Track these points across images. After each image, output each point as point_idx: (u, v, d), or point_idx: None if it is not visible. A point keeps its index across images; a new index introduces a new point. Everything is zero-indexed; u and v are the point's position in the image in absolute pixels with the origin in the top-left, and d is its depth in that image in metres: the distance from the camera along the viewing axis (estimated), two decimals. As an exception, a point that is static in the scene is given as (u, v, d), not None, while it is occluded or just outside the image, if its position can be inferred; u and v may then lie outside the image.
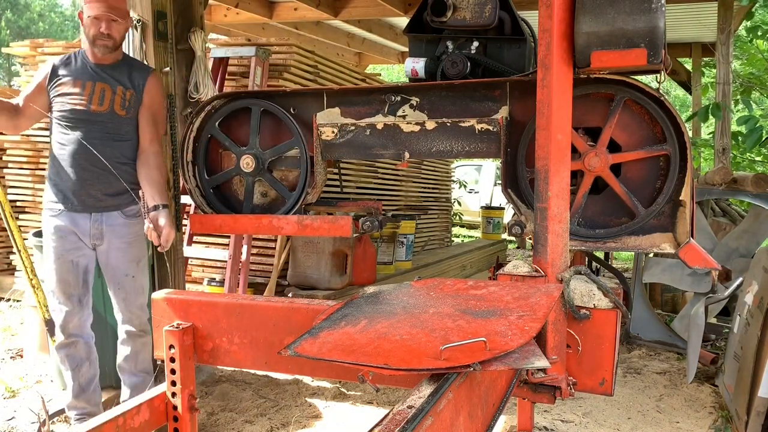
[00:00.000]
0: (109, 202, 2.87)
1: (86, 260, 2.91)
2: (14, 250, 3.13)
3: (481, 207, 10.08)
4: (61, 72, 2.86)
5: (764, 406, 2.83)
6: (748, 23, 7.02)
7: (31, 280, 3.05)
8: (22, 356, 4.18)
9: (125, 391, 3.08)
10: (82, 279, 2.90)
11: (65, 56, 2.93)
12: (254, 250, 4.65)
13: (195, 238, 4.71)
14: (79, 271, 2.89)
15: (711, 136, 6.80)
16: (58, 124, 2.83)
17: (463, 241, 10.30)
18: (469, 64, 2.34)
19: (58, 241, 2.86)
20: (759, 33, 6.44)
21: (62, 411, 3.12)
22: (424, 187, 7.18)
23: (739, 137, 7.15)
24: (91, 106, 2.81)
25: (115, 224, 2.89)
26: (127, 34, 3.37)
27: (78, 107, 2.81)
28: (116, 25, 2.82)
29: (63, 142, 2.83)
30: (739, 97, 6.38)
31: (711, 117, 5.39)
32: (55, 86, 2.84)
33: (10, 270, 5.56)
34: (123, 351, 3.04)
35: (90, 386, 3.00)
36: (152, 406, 1.97)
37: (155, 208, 2.82)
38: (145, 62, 3.37)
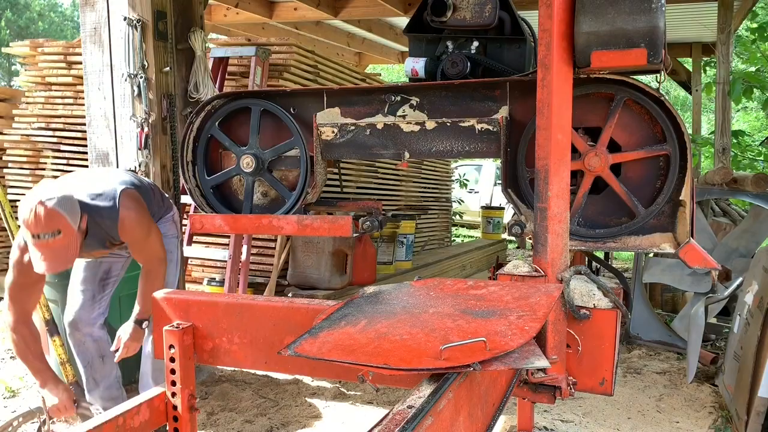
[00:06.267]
0: None
1: (110, 262, 3.02)
2: (14, 250, 3.13)
3: (481, 207, 10.09)
4: None
5: (764, 406, 2.83)
6: (749, 23, 7.02)
7: (31, 280, 3.05)
8: (22, 356, 4.18)
9: None
10: (99, 277, 2.99)
11: None
12: (254, 250, 4.65)
13: (195, 238, 4.71)
14: (98, 269, 2.99)
15: (711, 134, 6.80)
16: None
17: (463, 241, 10.30)
18: (469, 64, 2.34)
19: None
20: (766, 34, 6.42)
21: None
22: (424, 187, 7.18)
23: (739, 137, 7.15)
24: (98, 259, 2.95)
25: None
26: (126, 34, 3.38)
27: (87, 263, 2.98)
28: (63, 266, 2.51)
29: None
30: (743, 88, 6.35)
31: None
32: None
33: (10, 270, 5.56)
34: (143, 349, 3.10)
35: (104, 381, 3.04)
36: (152, 406, 1.97)
37: (134, 321, 2.82)
38: (145, 62, 3.37)
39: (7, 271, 2.63)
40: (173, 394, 1.99)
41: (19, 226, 3.09)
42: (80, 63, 3.94)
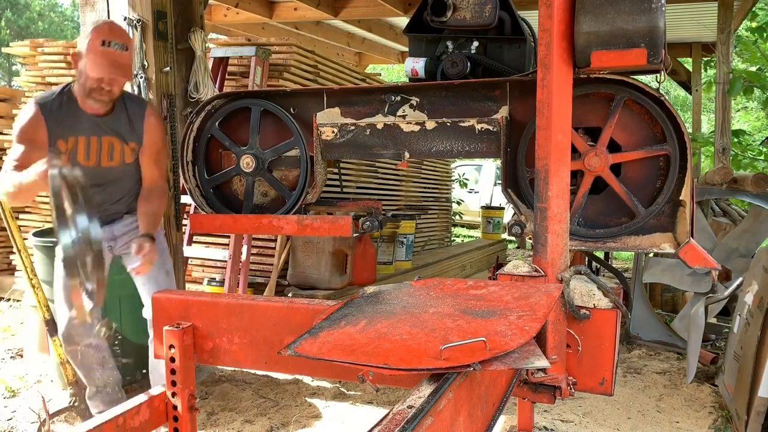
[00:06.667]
0: (114, 209, 2.84)
1: None
2: (14, 250, 3.13)
3: (481, 207, 10.09)
4: (55, 124, 2.58)
5: (764, 406, 2.83)
6: (750, 23, 7.02)
7: (31, 280, 3.05)
8: (22, 356, 4.18)
9: None
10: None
11: (49, 99, 2.61)
12: (254, 250, 4.65)
13: (195, 238, 4.71)
14: None
15: (711, 134, 6.80)
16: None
17: (463, 241, 10.30)
18: (469, 64, 2.34)
19: None
20: (765, 35, 6.43)
21: (62, 411, 3.12)
22: (424, 187, 7.18)
23: (740, 136, 7.16)
24: (101, 162, 2.70)
25: (125, 223, 2.88)
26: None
27: (88, 165, 2.65)
28: (119, 82, 2.59)
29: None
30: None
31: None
32: (55, 141, 2.60)
33: (10, 270, 5.57)
34: (150, 352, 2.97)
35: (106, 388, 2.98)
36: (152, 406, 1.97)
37: (143, 235, 2.71)
38: (144, 62, 3.37)
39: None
40: (173, 394, 1.99)
41: (19, 227, 3.10)
42: (80, 63, 3.94)
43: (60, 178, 1.97)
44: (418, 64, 2.40)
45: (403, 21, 7.12)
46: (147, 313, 2.98)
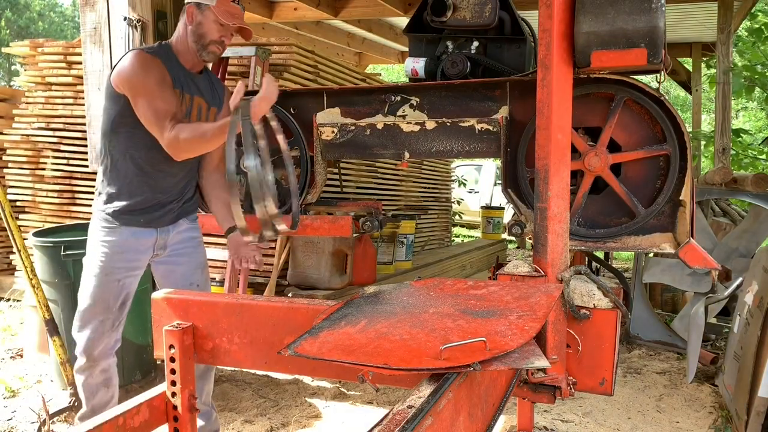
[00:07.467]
0: (176, 214, 2.62)
1: (131, 282, 2.60)
2: (14, 250, 3.13)
3: (481, 207, 10.08)
4: (170, 71, 2.45)
5: (764, 406, 2.83)
6: (749, 23, 7.03)
7: (31, 280, 3.05)
8: (22, 356, 4.18)
9: None
10: (121, 302, 2.58)
11: (154, 49, 2.50)
12: (254, 250, 4.65)
13: (195, 238, 4.70)
14: (121, 292, 2.57)
15: (711, 133, 6.81)
16: (144, 140, 2.42)
17: (463, 241, 10.30)
18: (469, 64, 2.35)
19: (110, 257, 2.52)
20: (763, 36, 6.45)
21: (62, 411, 3.12)
22: (424, 187, 7.18)
23: (741, 135, 7.16)
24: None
25: (180, 230, 2.64)
26: (126, 34, 3.39)
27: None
28: (231, 38, 2.54)
29: (143, 159, 2.48)
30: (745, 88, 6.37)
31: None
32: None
33: (10, 270, 5.56)
34: None
35: (101, 410, 2.63)
36: (152, 406, 1.97)
37: (232, 230, 2.59)
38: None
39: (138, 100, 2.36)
40: (173, 394, 1.99)
41: (19, 227, 3.10)
42: (80, 63, 3.94)
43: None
44: (418, 64, 2.41)
45: (403, 21, 7.12)
46: None
